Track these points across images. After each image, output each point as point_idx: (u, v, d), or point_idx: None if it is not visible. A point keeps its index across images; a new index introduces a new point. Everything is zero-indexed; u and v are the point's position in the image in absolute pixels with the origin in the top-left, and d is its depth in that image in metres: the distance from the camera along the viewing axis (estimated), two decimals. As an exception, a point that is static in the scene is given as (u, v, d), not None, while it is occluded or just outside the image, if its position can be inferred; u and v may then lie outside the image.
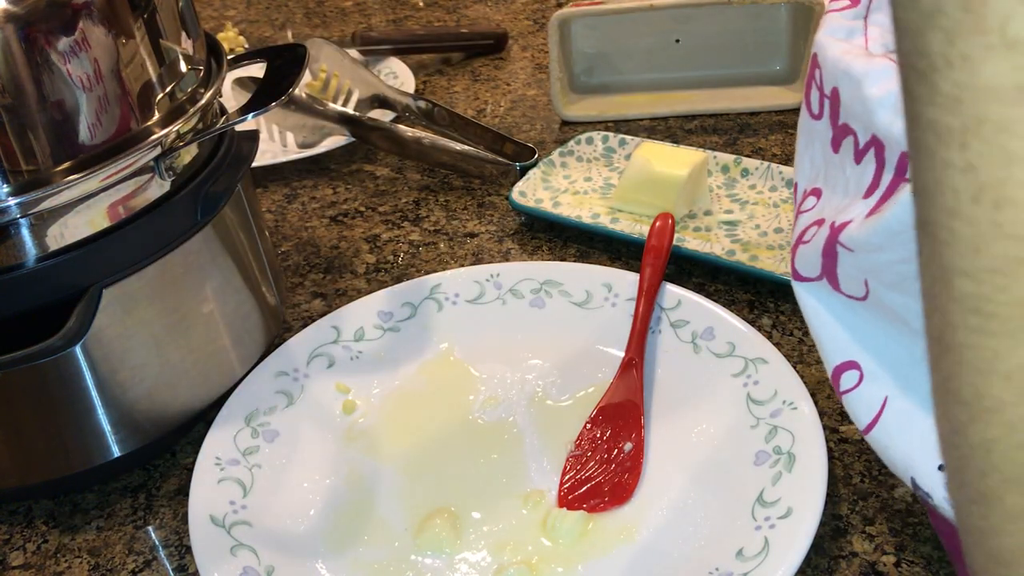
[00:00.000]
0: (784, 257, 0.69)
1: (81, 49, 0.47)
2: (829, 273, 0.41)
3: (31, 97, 0.46)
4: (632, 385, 0.58)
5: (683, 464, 0.54)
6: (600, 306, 0.64)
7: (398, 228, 0.79)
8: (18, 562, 0.53)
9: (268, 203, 0.84)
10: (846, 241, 0.38)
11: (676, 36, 0.94)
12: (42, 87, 0.46)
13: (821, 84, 0.41)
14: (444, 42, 1.09)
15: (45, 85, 0.46)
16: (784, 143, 0.86)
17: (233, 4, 1.33)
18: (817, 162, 0.44)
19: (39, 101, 0.46)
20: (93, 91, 0.48)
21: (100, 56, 0.48)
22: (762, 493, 0.50)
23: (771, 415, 0.54)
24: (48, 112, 0.47)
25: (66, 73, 0.47)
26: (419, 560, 0.50)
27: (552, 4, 1.21)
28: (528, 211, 0.76)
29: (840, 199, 0.41)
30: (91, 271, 0.51)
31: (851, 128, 0.40)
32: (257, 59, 0.62)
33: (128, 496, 0.57)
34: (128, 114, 0.50)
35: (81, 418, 0.53)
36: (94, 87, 0.48)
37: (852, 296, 0.40)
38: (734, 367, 0.57)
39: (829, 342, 0.43)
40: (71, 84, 0.47)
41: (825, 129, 0.42)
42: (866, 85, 0.38)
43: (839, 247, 0.39)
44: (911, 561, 0.48)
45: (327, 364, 0.61)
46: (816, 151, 0.44)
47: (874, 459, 0.54)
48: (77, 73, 0.47)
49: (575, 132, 0.87)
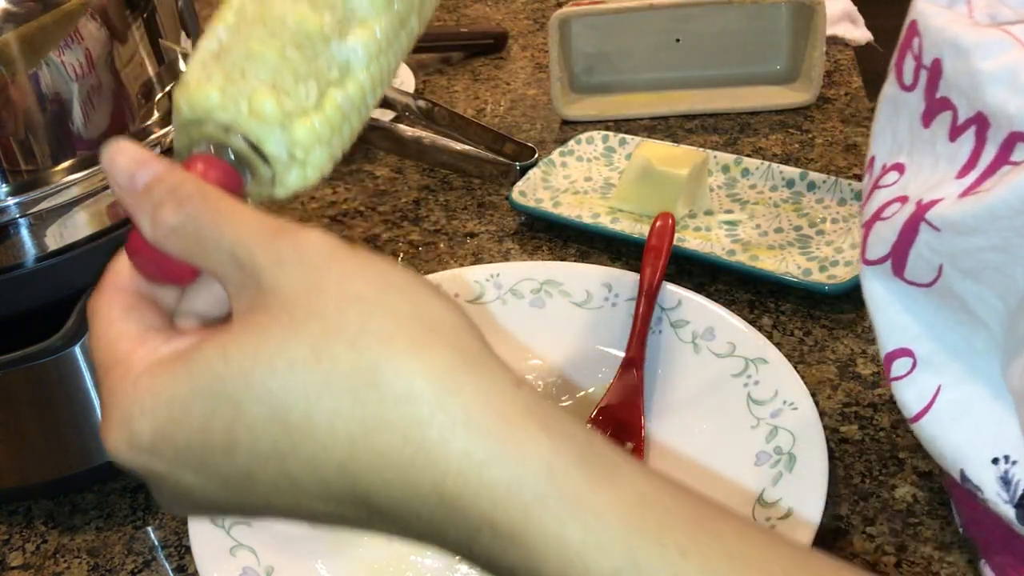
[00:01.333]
0: (784, 257, 0.69)
1: (81, 49, 0.47)
2: (897, 254, 0.39)
3: (31, 97, 0.46)
4: (632, 385, 0.58)
5: (683, 464, 0.54)
6: (600, 306, 0.64)
7: (398, 228, 0.79)
8: (17, 562, 0.53)
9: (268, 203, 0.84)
10: (934, 219, 0.36)
11: (676, 36, 0.94)
12: (42, 87, 0.46)
13: (920, 54, 0.39)
14: (444, 42, 1.09)
15: (45, 85, 0.46)
16: (784, 143, 0.86)
17: (233, 4, 1.33)
18: (901, 136, 0.41)
19: (39, 101, 0.46)
20: (93, 91, 0.48)
21: (100, 56, 0.48)
22: (762, 493, 0.50)
23: (771, 415, 0.54)
24: (48, 112, 0.47)
25: (66, 73, 0.47)
26: (419, 560, 0.50)
27: (552, 4, 1.21)
28: (528, 211, 0.76)
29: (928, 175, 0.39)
30: (91, 271, 0.51)
31: (951, 102, 0.37)
32: (257, 59, 0.62)
33: (128, 496, 0.57)
34: (127, 114, 0.50)
35: (81, 418, 0.53)
36: (94, 87, 0.48)
37: (915, 283, 0.39)
38: (734, 367, 0.57)
39: (885, 327, 0.41)
40: (71, 84, 0.47)
41: (917, 102, 0.40)
42: (976, 58, 0.35)
43: (924, 225, 0.37)
44: (911, 561, 0.48)
45: (327, 364, 0.61)
46: (902, 124, 0.41)
47: (874, 459, 0.54)
48: (77, 73, 0.47)
49: (575, 132, 0.87)
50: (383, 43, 0.35)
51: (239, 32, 0.33)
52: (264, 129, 0.32)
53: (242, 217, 0.29)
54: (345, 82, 0.34)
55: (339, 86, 0.34)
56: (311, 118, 0.33)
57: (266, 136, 0.32)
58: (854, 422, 0.57)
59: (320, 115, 0.33)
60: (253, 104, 0.32)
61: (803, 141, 0.86)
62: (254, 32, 0.33)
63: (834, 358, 0.61)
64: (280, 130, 0.32)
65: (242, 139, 0.32)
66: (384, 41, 0.35)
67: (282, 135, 0.32)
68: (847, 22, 1.04)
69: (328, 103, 0.34)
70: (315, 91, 0.33)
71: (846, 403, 0.58)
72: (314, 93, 0.33)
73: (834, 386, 0.59)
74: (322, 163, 0.34)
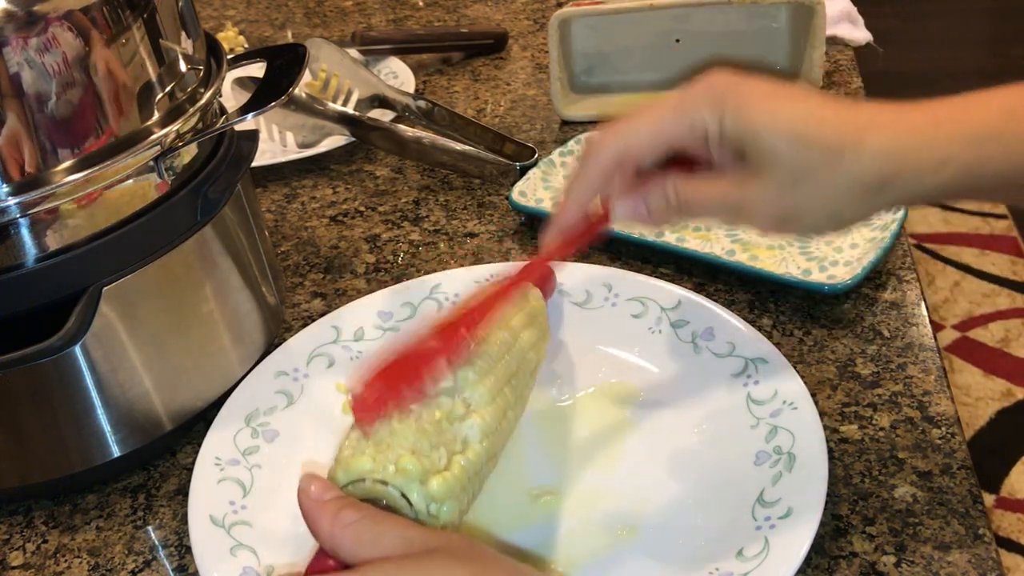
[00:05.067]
0: (784, 257, 0.69)
1: (81, 49, 0.47)
2: None
3: (31, 97, 0.46)
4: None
5: (683, 464, 0.54)
6: (600, 306, 0.64)
7: (398, 228, 0.79)
8: (18, 562, 0.53)
9: (268, 203, 0.84)
10: None
11: (676, 36, 0.94)
12: (42, 87, 0.46)
13: None
14: (444, 42, 1.09)
15: (45, 85, 0.46)
16: (784, 143, 0.86)
17: (233, 4, 1.33)
18: None
19: (39, 101, 0.46)
20: (93, 91, 0.48)
21: (100, 56, 0.48)
22: (762, 493, 0.50)
23: (771, 415, 0.54)
24: (48, 112, 0.47)
25: (66, 73, 0.47)
26: (419, 560, 0.50)
27: (552, 4, 1.21)
28: (528, 211, 0.76)
29: None
30: (91, 271, 0.51)
31: None
32: (257, 59, 0.62)
33: (128, 496, 0.57)
34: (128, 114, 0.50)
35: (81, 418, 0.53)
36: (94, 87, 0.48)
37: None
38: (734, 367, 0.57)
39: None
40: (70, 84, 0.47)
41: None
42: None
43: None
44: (911, 561, 0.48)
45: (327, 364, 0.61)
46: None
47: (874, 459, 0.54)
48: (77, 73, 0.47)
49: (575, 132, 0.87)
50: (492, 424, 0.47)
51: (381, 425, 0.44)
52: (408, 483, 0.42)
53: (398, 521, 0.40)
54: (467, 451, 0.45)
55: (462, 453, 0.45)
56: (443, 475, 0.43)
57: (410, 487, 0.42)
58: (853, 422, 0.57)
59: (449, 473, 0.43)
60: (399, 464, 0.42)
61: (803, 141, 0.86)
62: (399, 423, 0.44)
63: (834, 358, 0.61)
64: (419, 484, 0.42)
65: (393, 489, 0.42)
66: (493, 422, 0.47)
67: (421, 488, 0.42)
68: (847, 22, 1.04)
69: (455, 465, 0.44)
70: (445, 456, 0.44)
71: (846, 403, 0.58)
72: (444, 458, 0.44)
73: (834, 386, 0.59)
74: (452, 516, 0.43)
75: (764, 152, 0.44)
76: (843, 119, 0.44)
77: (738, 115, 0.44)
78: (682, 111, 0.46)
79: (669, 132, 0.46)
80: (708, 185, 0.47)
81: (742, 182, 0.45)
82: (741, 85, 0.45)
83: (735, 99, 0.45)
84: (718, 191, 0.47)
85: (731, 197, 0.46)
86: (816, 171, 0.43)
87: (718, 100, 0.45)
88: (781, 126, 0.44)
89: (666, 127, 0.46)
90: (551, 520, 0.52)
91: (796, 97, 0.45)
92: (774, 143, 0.44)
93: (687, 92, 0.47)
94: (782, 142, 0.44)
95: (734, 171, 0.46)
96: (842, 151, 0.43)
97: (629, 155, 0.47)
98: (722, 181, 0.46)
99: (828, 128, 0.43)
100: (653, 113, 0.47)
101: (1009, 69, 2.93)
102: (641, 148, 0.47)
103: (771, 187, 0.45)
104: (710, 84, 0.46)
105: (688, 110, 0.46)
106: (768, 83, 0.46)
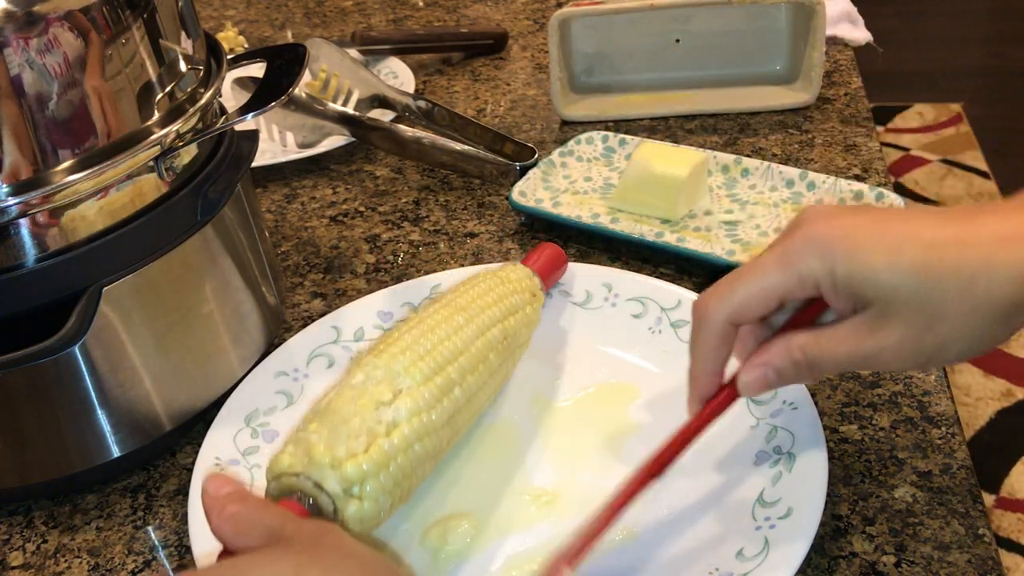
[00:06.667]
0: (784, 257, 0.69)
1: (81, 49, 0.47)
2: None
3: (31, 97, 0.46)
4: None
5: (683, 464, 0.54)
6: (600, 306, 0.64)
7: (398, 228, 0.79)
8: (18, 562, 0.53)
9: (268, 203, 0.84)
10: None
11: (676, 36, 0.94)
12: (42, 87, 0.46)
13: None
14: (444, 42, 1.09)
15: (45, 85, 0.46)
16: (784, 143, 0.86)
17: (233, 4, 1.33)
18: None
19: (39, 101, 0.46)
20: (93, 91, 0.48)
21: (100, 56, 0.48)
22: (762, 493, 0.50)
23: (771, 415, 0.54)
24: (48, 112, 0.47)
25: (66, 73, 0.47)
26: (420, 560, 0.50)
27: (552, 4, 1.21)
28: (528, 211, 0.76)
29: None
30: (91, 271, 0.51)
31: None
32: (257, 59, 0.62)
33: (128, 496, 0.57)
34: (128, 114, 0.50)
35: (81, 418, 0.53)
36: (94, 87, 0.48)
37: None
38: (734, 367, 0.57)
39: None
40: (71, 84, 0.47)
41: None
42: None
43: None
44: (911, 561, 0.48)
45: (327, 364, 0.61)
46: None
47: (874, 459, 0.54)
48: (76, 73, 0.47)
49: (575, 132, 0.87)
50: (427, 402, 0.48)
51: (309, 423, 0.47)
52: (320, 471, 0.44)
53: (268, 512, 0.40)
54: (392, 433, 0.47)
55: (386, 436, 0.46)
56: (358, 458, 0.45)
57: (323, 475, 0.44)
58: (853, 422, 0.57)
59: (366, 456, 0.45)
60: (311, 455, 0.44)
61: (803, 141, 0.86)
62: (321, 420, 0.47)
63: (834, 358, 0.61)
64: (331, 469, 0.44)
65: (306, 480, 0.44)
66: (429, 400, 0.49)
67: (333, 473, 0.44)
68: (847, 22, 1.04)
69: (374, 447, 0.46)
70: (364, 441, 0.45)
71: (845, 403, 0.58)
72: (364, 442, 0.45)
73: (834, 386, 0.59)
74: (377, 496, 0.45)
75: (888, 296, 0.41)
76: (965, 240, 0.41)
77: (851, 262, 0.42)
78: (788, 265, 0.44)
79: (777, 288, 0.44)
80: (836, 341, 0.44)
81: (872, 330, 0.43)
82: (845, 227, 0.43)
83: (843, 244, 0.42)
84: (848, 346, 0.44)
85: (864, 349, 0.43)
86: (950, 305, 0.41)
87: (824, 249, 0.42)
88: (903, 265, 0.41)
89: (773, 284, 0.44)
90: (551, 520, 0.52)
91: (906, 226, 0.42)
92: (898, 285, 0.41)
93: (788, 243, 0.44)
94: (907, 283, 0.41)
95: (861, 318, 0.43)
96: (974, 278, 0.40)
97: (740, 319, 0.46)
98: (850, 333, 0.43)
99: (951, 255, 0.40)
100: (756, 270, 0.45)
101: (1009, 69, 2.93)
102: (750, 309, 0.45)
103: (906, 331, 0.42)
104: (810, 233, 0.43)
105: (794, 263, 0.43)
106: (866, 214, 0.43)
